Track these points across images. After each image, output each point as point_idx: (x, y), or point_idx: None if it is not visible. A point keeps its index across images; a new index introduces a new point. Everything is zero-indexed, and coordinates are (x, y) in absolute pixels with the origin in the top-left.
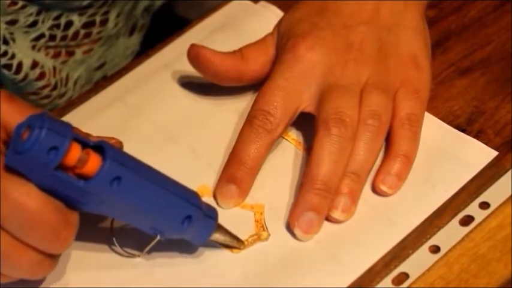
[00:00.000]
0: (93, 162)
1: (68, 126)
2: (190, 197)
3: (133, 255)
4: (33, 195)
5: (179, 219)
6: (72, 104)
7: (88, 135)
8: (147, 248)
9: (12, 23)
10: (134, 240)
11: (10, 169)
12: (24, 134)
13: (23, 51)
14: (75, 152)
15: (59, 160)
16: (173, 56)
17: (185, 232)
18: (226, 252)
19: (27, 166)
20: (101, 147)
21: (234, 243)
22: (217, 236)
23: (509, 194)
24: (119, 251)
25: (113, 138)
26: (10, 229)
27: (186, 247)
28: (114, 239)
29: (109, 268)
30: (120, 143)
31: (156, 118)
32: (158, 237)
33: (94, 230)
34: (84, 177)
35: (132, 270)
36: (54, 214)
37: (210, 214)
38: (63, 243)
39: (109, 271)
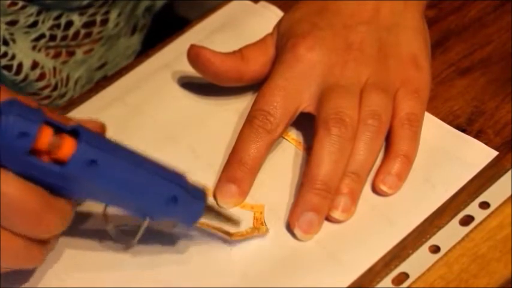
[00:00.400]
0: (68, 147)
1: (38, 111)
2: (174, 177)
3: (127, 242)
4: (12, 183)
5: (164, 200)
6: (72, 103)
7: (67, 119)
8: (139, 234)
9: (12, 23)
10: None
11: None
12: None
13: (23, 51)
14: (46, 136)
15: (30, 145)
16: (173, 56)
17: (172, 214)
18: (226, 251)
19: (1, 154)
20: (76, 131)
21: (229, 224)
22: (209, 218)
23: (509, 194)
24: (113, 236)
25: (94, 121)
26: None
27: (185, 246)
28: (108, 226)
29: (106, 267)
30: (102, 126)
31: (156, 118)
32: (147, 220)
33: (89, 228)
34: (61, 163)
35: (128, 270)
36: (34, 199)
37: (198, 195)
38: (47, 227)
39: (106, 270)
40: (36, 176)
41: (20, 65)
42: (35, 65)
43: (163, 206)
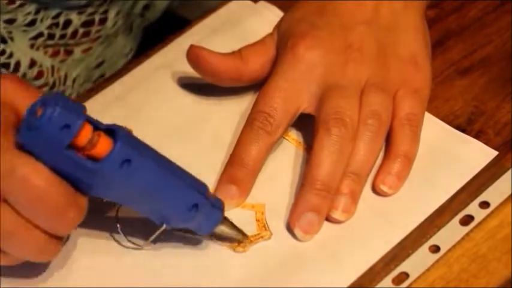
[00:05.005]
0: (104, 144)
1: (81, 106)
2: (198, 186)
3: (137, 245)
4: (42, 174)
5: (186, 207)
6: None
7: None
8: (152, 237)
9: (10, 21)
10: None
11: (21, 147)
12: (38, 112)
13: (21, 50)
14: (87, 133)
15: (71, 138)
16: (173, 56)
17: (191, 221)
18: (227, 251)
19: (39, 144)
20: (112, 130)
21: (239, 236)
22: (222, 228)
23: (509, 193)
24: (122, 240)
25: (124, 126)
26: (17, 206)
27: (186, 247)
28: (118, 226)
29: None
30: (131, 130)
31: (156, 118)
32: (164, 226)
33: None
34: (95, 160)
35: (127, 269)
36: (61, 194)
37: (217, 205)
38: (69, 224)
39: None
40: (66, 170)
41: (17, 63)
42: (32, 64)
43: (185, 212)
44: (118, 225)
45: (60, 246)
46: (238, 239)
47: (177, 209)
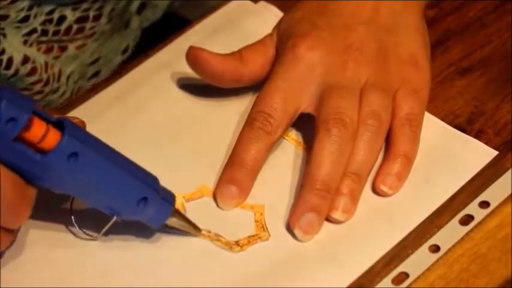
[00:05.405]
0: (52, 137)
1: (29, 100)
2: (148, 179)
3: (91, 237)
4: None
5: (135, 200)
6: (72, 104)
7: (51, 112)
8: (104, 230)
9: (2, 18)
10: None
11: None
12: None
13: (13, 46)
14: (39, 128)
15: (17, 132)
16: (173, 56)
17: (141, 214)
18: (226, 252)
19: None
20: (61, 123)
21: (191, 230)
22: (174, 221)
23: (509, 193)
24: (77, 231)
25: (76, 118)
26: None
27: (185, 247)
28: (72, 218)
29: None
30: (83, 122)
31: (156, 118)
32: (115, 218)
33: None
34: (43, 152)
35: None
36: (11, 188)
37: (167, 198)
38: (19, 217)
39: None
40: (14, 163)
41: (10, 60)
42: (25, 60)
43: (134, 205)
44: (72, 217)
45: (10, 238)
46: (190, 232)
47: (126, 202)
